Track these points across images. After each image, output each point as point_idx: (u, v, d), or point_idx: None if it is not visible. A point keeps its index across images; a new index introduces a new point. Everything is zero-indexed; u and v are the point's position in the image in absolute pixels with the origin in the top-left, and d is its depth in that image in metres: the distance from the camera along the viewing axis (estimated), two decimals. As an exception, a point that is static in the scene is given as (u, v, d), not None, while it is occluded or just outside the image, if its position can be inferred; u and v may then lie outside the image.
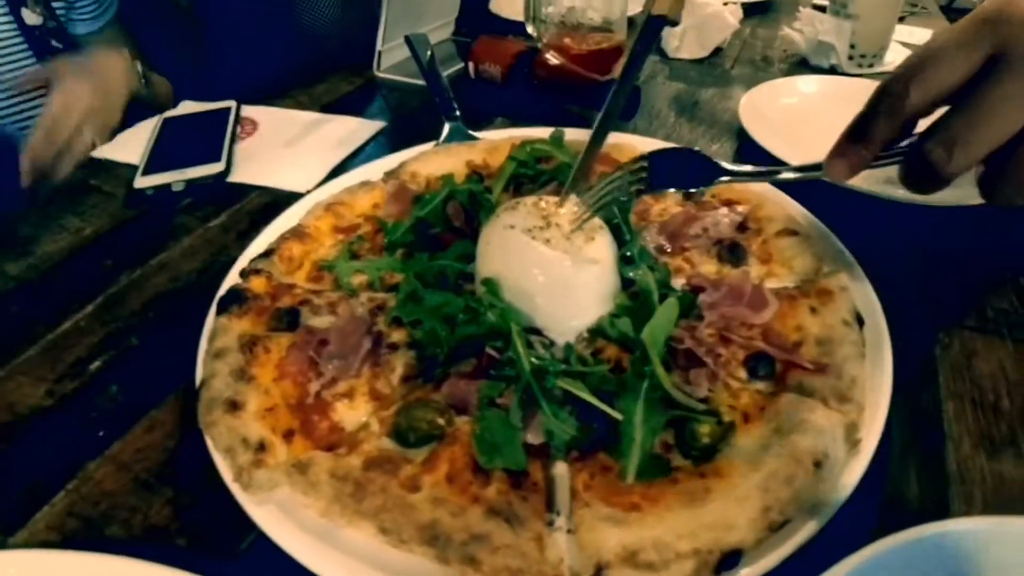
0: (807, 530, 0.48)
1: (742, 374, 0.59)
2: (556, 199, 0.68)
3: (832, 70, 1.33)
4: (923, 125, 0.57)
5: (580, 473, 0.52)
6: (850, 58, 1.32)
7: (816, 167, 0.63)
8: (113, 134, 1.09)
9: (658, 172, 0.64)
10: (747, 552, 0.45)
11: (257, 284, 0.68)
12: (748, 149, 0.99)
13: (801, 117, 1.07)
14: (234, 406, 0.55)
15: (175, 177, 0.92)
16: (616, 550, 0.45)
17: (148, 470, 0.57)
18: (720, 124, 1.11)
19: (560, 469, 0.53)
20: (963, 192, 0.64)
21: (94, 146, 1.08)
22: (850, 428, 0.53)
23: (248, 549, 0.51)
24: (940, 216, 0.79)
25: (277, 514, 0.50)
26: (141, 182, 0.92)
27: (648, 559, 0.44)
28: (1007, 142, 0.53)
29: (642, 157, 0.65)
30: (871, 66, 1.35)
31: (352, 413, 0.57)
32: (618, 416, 0.53)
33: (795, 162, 0.88)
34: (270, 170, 0.96)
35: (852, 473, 0.51)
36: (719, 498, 0.48)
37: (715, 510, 0.47)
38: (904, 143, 0.59)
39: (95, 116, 1.13)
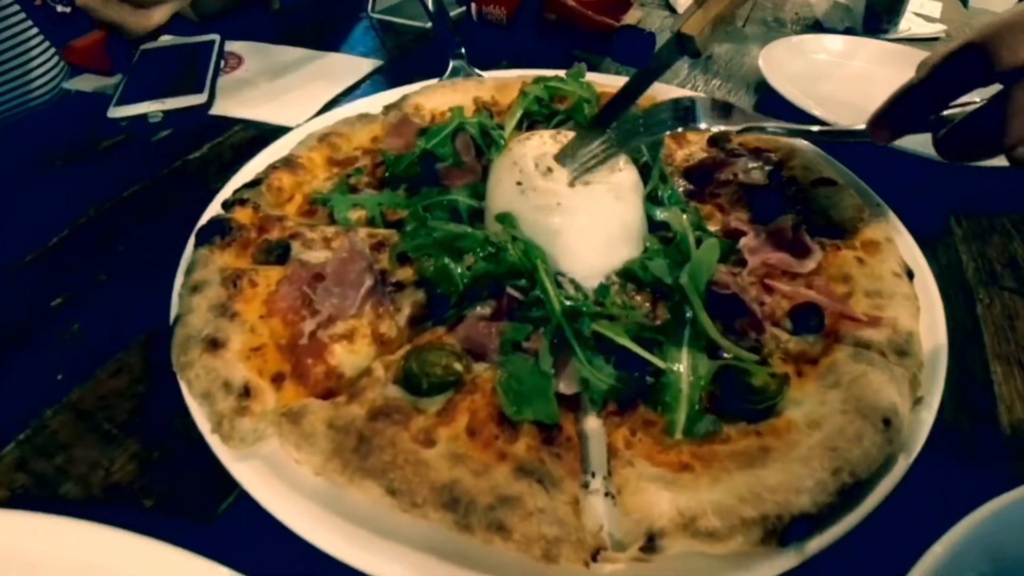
0: (879, 493, 0.43)
1: (788, 325, 0.54)
2: (574, 133, 0.61)
3: (846, 34, 1.28)
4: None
5: (619, 429, 0.46)
6: (864, 22, 1.28)
7: (856, 131, 0.61)
8: None
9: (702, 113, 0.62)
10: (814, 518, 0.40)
11: (242, 215, 0.60)
12: (768, 101, 0.95)
13: (823, 73, 1.05)
14: (214, 344, 0.48)
15: (152, 107, 0.85)
16: (671, 515, 0.39)
17: (112, 420, 0.51)
18: (737, 78, 1.07)
19: (592, 424, 0.47)
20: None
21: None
22: (913, 384, 0.49)
23: (226, 512, 0.45)
24: (974, 176, 0.75)
25: (263, 471, 0.44)
26: (115, 112, 0.85)
27: (709, 526, 0.38)
28: None
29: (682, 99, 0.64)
30: (885, 32, 1.31)
31: (352, 357, 0.50)
32: (662, 365, 0.47)
33: (817, 114, 0.85)
34: (256, 104, 0.89)
35: (919, 432, 0.47)
36: (780, 459, 0.42)
37: (778, 471, 0.41)
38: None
39: None
